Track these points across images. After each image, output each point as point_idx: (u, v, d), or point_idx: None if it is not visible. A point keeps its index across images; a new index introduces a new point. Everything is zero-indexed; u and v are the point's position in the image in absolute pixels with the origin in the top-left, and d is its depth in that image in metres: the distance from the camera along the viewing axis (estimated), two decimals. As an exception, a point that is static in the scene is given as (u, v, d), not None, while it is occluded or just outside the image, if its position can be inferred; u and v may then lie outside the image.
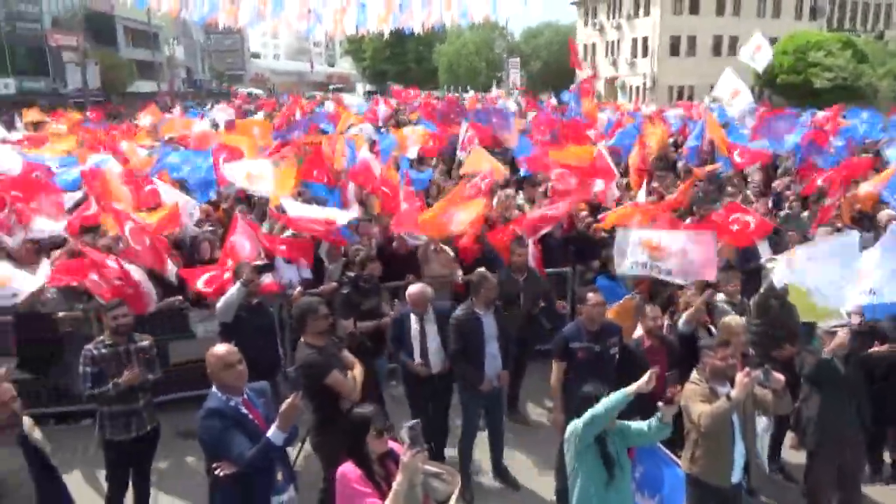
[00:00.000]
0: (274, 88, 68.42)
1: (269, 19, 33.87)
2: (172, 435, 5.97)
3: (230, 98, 44.56)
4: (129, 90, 50.86)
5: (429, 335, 5.39)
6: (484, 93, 46.54)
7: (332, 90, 59.01)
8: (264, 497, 3.58)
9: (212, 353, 3.63)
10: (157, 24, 56.06)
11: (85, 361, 4.54)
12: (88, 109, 29.96)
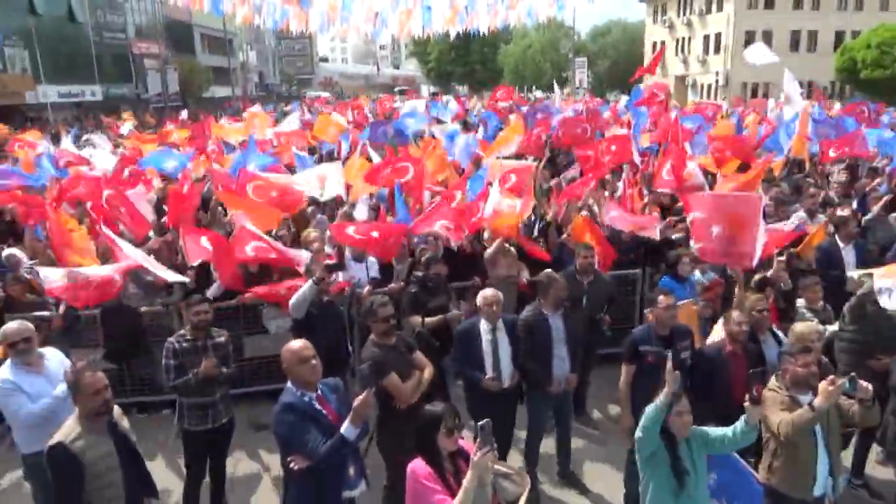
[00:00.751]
0: (342, 91, 69.79)
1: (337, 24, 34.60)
2: (245, 427, 6.18)
3: (300, 101, 45.70)
4: (205, 95, 52.92)
5: (501, 346, 5.08)
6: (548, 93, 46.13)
7: (398, 92, 59.70)
8: (336, 491, 3.66)
9: (288, 348, 3.72)
10: (232, 31, 58.11)
11: (167, 354, 4.75)
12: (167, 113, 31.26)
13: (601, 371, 6.78)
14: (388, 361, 4.46)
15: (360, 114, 22.95)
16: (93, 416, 3.56)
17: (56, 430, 4.11)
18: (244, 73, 64.78)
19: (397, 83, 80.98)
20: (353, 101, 31.19)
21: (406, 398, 4.40)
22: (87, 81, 42.09)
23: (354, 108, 25.61)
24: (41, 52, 35.19)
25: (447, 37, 57.33)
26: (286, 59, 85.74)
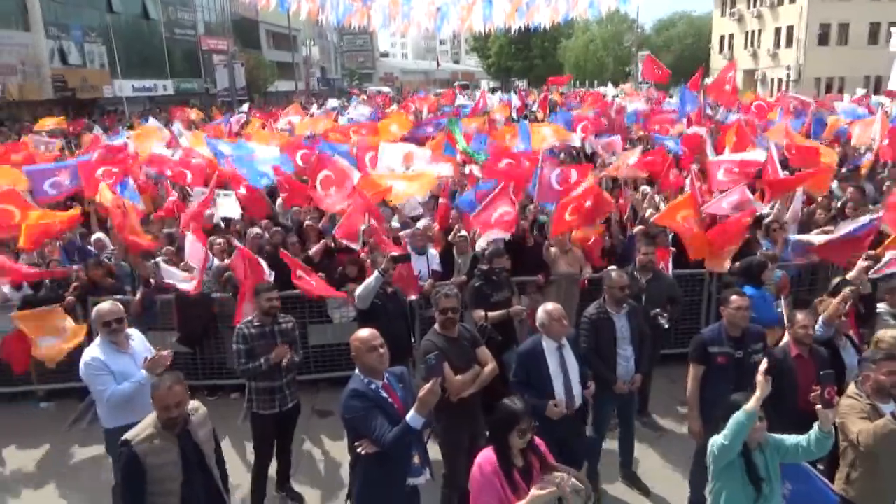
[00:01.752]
0: (402, 86, 70.33)
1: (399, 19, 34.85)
2: (309, 413, 6.34)
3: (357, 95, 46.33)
4: (270, 89, 54.24)
5: (570, 365, 4.62)
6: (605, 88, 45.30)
7: (462, 87, 59.76)
8: (401, 477, 3.71)
9: (357, 336, 3.79)
10: (296, 27, 59.26)
11: (238, 339, 4.90)
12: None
13: (664, 371, 6.67)
14: (448, 353, 4.49)
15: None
16: (170, 427, 3.55)
17: (138, 409, 4.34)
18: (307, 68, 66.01)
19: (457, 78, 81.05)
20: (417, 98, 31.32)
21: (456, 391, 4.42)
22: (159, 76, 43.78)
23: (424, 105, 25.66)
24: (118, 49, 36.74)
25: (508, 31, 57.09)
26: (348, 55, 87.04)
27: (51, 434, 6.50)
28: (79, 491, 5.59)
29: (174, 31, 46.81)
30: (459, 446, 4.70)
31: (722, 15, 55.58)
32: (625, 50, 60.29)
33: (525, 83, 67.19)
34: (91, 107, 36.70)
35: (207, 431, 3.79)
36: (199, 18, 50.26)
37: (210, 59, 48.76)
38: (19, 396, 7.18)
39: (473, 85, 71.38)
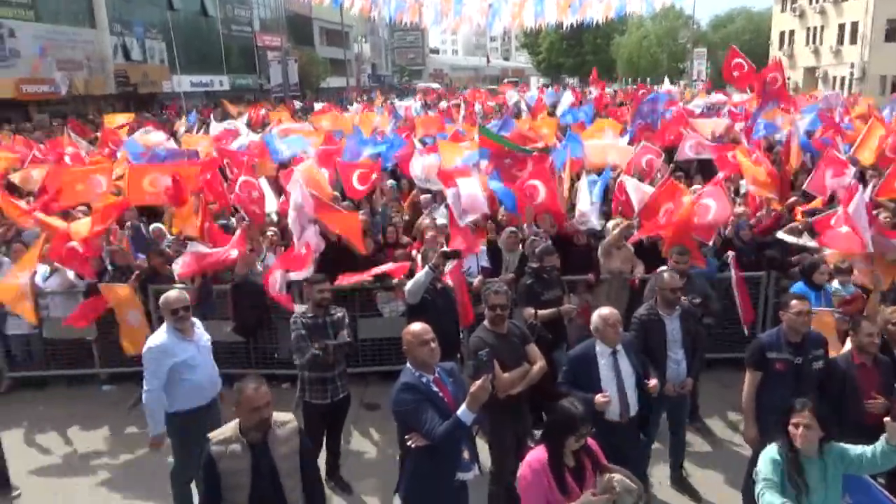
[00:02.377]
0: (451, 83, 70.43)
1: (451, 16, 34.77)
2: (358, 405, 6.43)
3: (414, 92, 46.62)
4: (322, 85, 55.07)
5: (624, 372, 4.45)
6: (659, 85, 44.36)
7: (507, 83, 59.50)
8: (451, 472, 3.73)
9: (409, 330, 3.82)
10: (348, 23, 60.02)
11: (296, 327, 5.01)
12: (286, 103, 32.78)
13: (715, 375, 6.53)
14: (497, 349, 4.48)
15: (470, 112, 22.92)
16: (247, 432, 3.45)
17: (198, 395, 4.60)
18: (358, 65, 66.85)
19: (506, 75, 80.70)
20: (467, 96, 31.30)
21: (504, 388, 4.41)
22: (215, 72, 44.92)
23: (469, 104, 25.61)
24: (177, 45, 37.84)
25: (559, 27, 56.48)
26: (398, 51, 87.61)
27: (112, 416, 6.77)
28: (138, 472, 5.80)
29: (231, 27, 47.96)
30: (507, 443, 4.70)
31: (782, 10, 53.78)
32: (679, 46, 58.97)
33: (576, 80, 66.40)
34: (151, 101, 37.92)
35: (291, 448, 3.57)
36: (255, 15, 51.36)
37: (264, 55, 49.84)
38: (83, 379, 7.50)
39: (523, 81, 70.97)
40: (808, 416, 3.41)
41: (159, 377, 4.58)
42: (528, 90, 37.10)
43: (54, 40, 31.43)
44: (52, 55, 30.66)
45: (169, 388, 4.61)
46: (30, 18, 30.63)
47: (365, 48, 73.52)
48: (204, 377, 4.75)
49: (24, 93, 29.50)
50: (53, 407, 7.02)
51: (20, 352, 7.50)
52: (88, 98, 32.67)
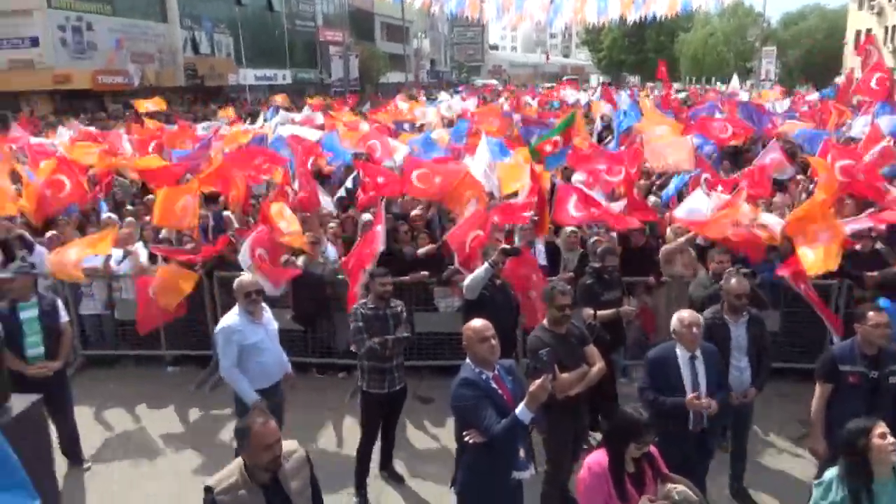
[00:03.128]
0: (509, 79, 70.11)
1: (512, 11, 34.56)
2: (412, 398, 6.47)
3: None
4: (381, 80, 55.63)
5: (700, 377, 4.36)
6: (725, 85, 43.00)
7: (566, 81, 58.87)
8: (507, 470, 3.73)
9: (470, 326, 3.82)
10: (409, 19, 60.39)
11: (356, 318, 5.10)
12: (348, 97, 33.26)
13: (774, 385, 6.31)
14: (557, 349, 4.44)
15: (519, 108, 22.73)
16: (256, 471, 3.07)
17: (266, 376, 4.80)
18: (418, 60, 67.24)
19: (566, 72, 79.83)
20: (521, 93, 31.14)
21: (563, 388, 4.37)
22: (279, 66, 45.98)
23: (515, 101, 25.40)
24: (243, 39, 38.89)
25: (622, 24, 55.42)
26: (458, 47, 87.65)
27: (176, 396, 7.02)
28: (199, 450, 6.01)
29: (295, 22, 48.96)
30: (564, 444, 4.67)
31: (859, 8, 51.34)
32: (747, 44, 57.05)
33: (637, 78, 65.23)
34: (217, 94, 39.08)
35: (303, 480, 3.25)
36: (318, 10, 52.28)
37: (326, 49, 50.67)
38: (150, 360, 7.80)
39: (582, 79, 70.03)
40: (887, 434, 3.26)
41: (230, 356, 4.78)
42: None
43: (129, 34, 32.79)
44: (127, 48, 31.99)
45: (239, 368, 4.81)
46: (107, 13, 32.07)
47: (424, 44, 73.89)
48: (271, 360, 4.94)
49: (100, 83, 30.88)
50: (122, 385, 7.33)
51: (93, 331, 7.85)
52: (159, 89, 33.87)
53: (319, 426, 6.36)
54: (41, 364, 5.32)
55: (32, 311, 5.42)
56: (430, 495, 5.34)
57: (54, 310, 5.58)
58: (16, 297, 5.39)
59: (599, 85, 56.78)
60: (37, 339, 5.38)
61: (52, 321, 5.50)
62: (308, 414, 6.45)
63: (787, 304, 6.77)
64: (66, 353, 5.65)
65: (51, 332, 5.48)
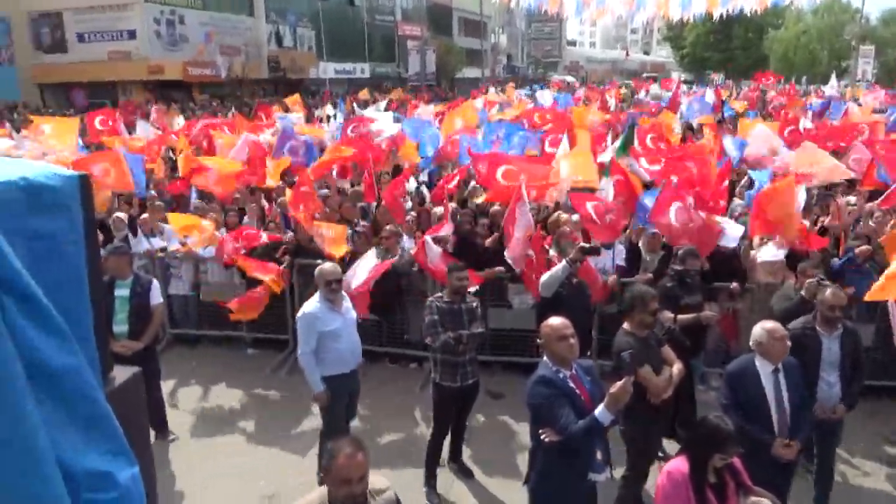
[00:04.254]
0: (587, 76, 68.94)
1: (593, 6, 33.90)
2: (483, 393, 6.48)
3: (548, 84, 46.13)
4: (458, 76, 55.75)
5: (786, 394, 4.19)
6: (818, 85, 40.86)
7: (646, 79, 57.41)
8: (583, 471, 3.68)
9: (549, 324, 3.78)
10: (487, 14, 60.27)
11: (431, 311, 5.13)
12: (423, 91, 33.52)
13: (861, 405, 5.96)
14: (638, 353, 4.35)
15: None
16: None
17: (344, 361, 4.94)
18: (494, 56, 66.98)
19: (645, 69, 77.78)
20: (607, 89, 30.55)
21: (659, 392, 4.28)
22: (358, 59, 46.76)
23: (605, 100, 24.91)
24: (324, 33, 39.76)
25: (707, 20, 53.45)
26: (535, 42, 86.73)
27: (254, 378, 7.28)
28: (274, 430, 6.21)
29: (375, 16, 49.65)
30: (650, 450, 4.58)
31: (972, 4, 47.80)
32: (843, 43, 54.01)
33: (721, 77, 62.82)
34: (298, 87, 40.16)
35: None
36: (398, 4, 52.79)
37: (404, 44, 51.16)
38: (231, 341, 8.14)
39: (662, 76, 68.06)
40: None
41: (309, 342, 4.92)
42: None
43: (218, 27, 34.10)
44: (216, 41, 33.26)
45: (317, 354, 4.96)
46: (198, 6, 33.44)
47: (501, 39, 73.52)
48: (348, 347, 5.07)
49: (190, 75, 32.25)
50: (203, 363, 7.66)
51: (179, 311, 8.23)
52: (244, 81, 35.10)
53: (389, 415, 6.46)
54: (123, 342, 5.55)
55: (125, 289, 5.72)
56: (499, 491, 5.34)
57: (146, 291, 5.83)
58: (113, 275, 5.72)
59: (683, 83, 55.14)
60: (123, 317, 5.66)
61: (141, 301, 5.76)
62: (378, 403, 6.57)
63: (882, 318, 6.38)
64: (151, 334, 5.83)
65: (139, 311, 5.72)
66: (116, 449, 2.30)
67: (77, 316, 2.47)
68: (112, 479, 2.23)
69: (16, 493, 1.93)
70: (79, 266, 2.46)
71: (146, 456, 3.89)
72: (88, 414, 2.28)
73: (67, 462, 2.15)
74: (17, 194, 2.22)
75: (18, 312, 2.10)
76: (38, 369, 2.13)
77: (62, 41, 31.56)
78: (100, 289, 2.81)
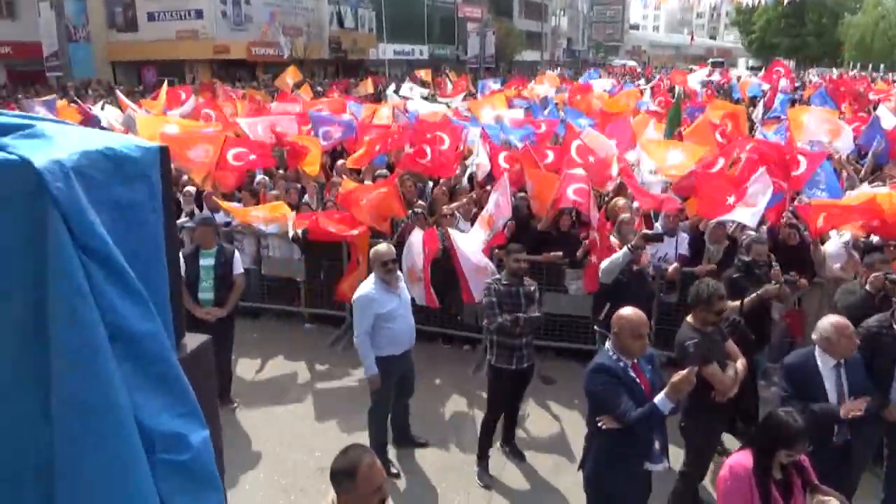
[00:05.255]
0: (648, 61, 67.20)
1: (660, -13, 32.86)
2: (535, 377, 6.46)
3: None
4: (516, 58, 55.13)
5: (847, 390, 4.03)
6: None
7: (711, 64, 55.56)
8: (639, 460, 3.63)
9: (625, 316, 3.65)
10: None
11: (489, 293, 5.12)
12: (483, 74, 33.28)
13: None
14: (703, 349, 4.24)
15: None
16: None
17: (398, 342, 4.98)
18: (554, 39, 65.93)
19: (711, 55, 75.22)
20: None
21: (726, 390, 4.16)
22: (416, 41, 46.76)
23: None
24: (385, 14, 39.85)
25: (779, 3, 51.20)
26: (596, 26, 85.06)
27: (311, 352, 7.44)
28: (329, 404, 6.35)
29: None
30: (711, 445, 4.49)
31: None
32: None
33: (792, 63, 60.24)
34: (357, 68, 40.45)
35: None
36: (458, -14, 52.48)
37: (464, 26, 50.84)
38: (290, 315, 8.34)
39: (729, 63, 65.76)
40: None
41: (363, 325, 4.96)
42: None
43: (281, 7, 34.61)
44: (279, 21, 33.75)
45: (371, 335, 4.99)
46: (263, -13, 34.01)
47: (562, 22, 72.25)
48: (403, 328, 5.09)
49: (254, 55, 32.88)
50: (264, 336, 7.87)
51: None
52: (306, 62, 35.56)
53: (443, 396, 6.51)
54: (208, 309, 5.85)
55: (210, 259, 6.00)
56: (550, 475, 5.33)
57: (229, 261, 6.13)
58: (198, 244, 5.98)
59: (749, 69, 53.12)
60: (209, 285, 5.95)
61: (225, 270, 6.05)
62: (431, 383, 6.62)
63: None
64: (233, 302, 6.14)
65: (223, 280, 6.03)
66: (189, 412, 2.39)
67: (155, 283, 2.56)
68: (185, 441, 2.31)
69: (100, 452, 2.02)
70: (157, 235, 2.54)
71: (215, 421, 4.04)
72: (164, 377, 2.37)
73: (144, 423, 2.24)
74: (103, 164, 2.31)
75: (103, 279, 2.19)
76: (119, 333, 2.23)
77: (134, 20, 32.59)
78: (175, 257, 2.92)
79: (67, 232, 2.06)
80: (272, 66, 34.33)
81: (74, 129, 2.59)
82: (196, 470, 2.34)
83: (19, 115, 2.32)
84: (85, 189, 2.16)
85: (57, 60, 26.40)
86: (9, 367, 2.15)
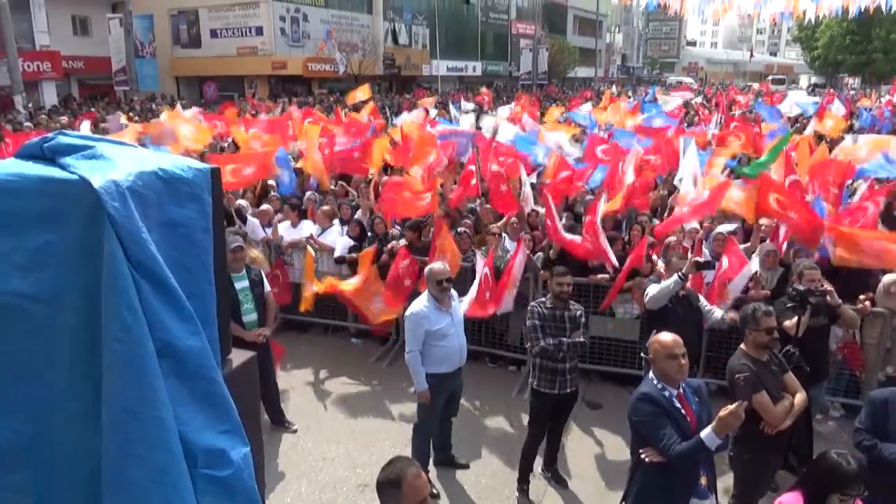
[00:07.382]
0: (706, 78, 65.92)
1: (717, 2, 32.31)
2: (580, 402, 6.36)
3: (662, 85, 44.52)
4: (569, 75, 54.86)
5: None
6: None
7: (771, 81, 54.10)
8: (685, 496, 3.52)
9: (657, 339, 3.63)
10: (603, 12, 58.90)
11: (532, 316, 5.07)
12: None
13: None
14: (754, 379, 4.09)
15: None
16: None
17: (446, 361, 4.97)
18: (608, 55, 65.35)
19: (771, 72, 73.22)
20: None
21: (777, 422, 4.01)
22: (470, 58, 47.03)
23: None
24: (438, 30, 40.27)
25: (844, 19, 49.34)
26: (651, 42, 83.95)
27: (357, 367, 7.50)
28: (375, 419, 6.38)
29: (489, 14, 49.71)
30: (762, 483, 4.32)
31: None
32: None
33: (857, 81, 58.07)
34: (411, 84, 40.93)
35: None
36: (512, 2, 52.59)
37: (517, 42, 50.90)
38: (337, 330, 8.45)
39: (790, 79, 63.89)
40: None
41: (415, 342, 4.98)
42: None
43: (338, 24, 35.37)
44: (336, 38, 34.49)
45: (422, 352, 5.00)
46: (320, 4, 34.86)
47: (617, 38, 71.63)
48: (454, 347, 5.07)
49: (310, 70, 33.63)
50: (311, 350, 7.98)
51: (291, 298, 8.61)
52: (361, 78, 36.19)
53: (486, 416, 6.46)
54: (258, 331, 5.77)
55: (244, 280, 5.91)
56: (591, 502, 5.21)
57: (261, 280, 6.07)
58: (230, 270, 5.98)
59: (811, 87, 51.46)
60: (250, 307, 5.87)
61: (261, 290, 6.00)
62: (475, 403, 6.59)
63: None
64: (272, 319, 6.10)
65: (259, 300, 5.95)
66: (231, 428, 2.43)
67: (203, 300, 2.62)
68: (226, 458, 2.35)
69: (145, 463, 2.08)
70: (207, 253, 2.60)
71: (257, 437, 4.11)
72: (208, 393, 2.42)
73: (187, 437, 2.29)
74: (156, 185, 2.38)
75: (153, 296, 2.26)
76: (166, 349, 2.28)
77: (197, 37, 33.79)
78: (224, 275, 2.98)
79: (121, 249, 2.13)
80: (326, 81, 35.08)
81: (132, 150, 2.68)
82: (236, 486, 2.38)
83: (81, 136, 2.42)
84: (139, 208, 2.24)
85: (124, 75, 27.61)
86: (65, 372, 2.24)
